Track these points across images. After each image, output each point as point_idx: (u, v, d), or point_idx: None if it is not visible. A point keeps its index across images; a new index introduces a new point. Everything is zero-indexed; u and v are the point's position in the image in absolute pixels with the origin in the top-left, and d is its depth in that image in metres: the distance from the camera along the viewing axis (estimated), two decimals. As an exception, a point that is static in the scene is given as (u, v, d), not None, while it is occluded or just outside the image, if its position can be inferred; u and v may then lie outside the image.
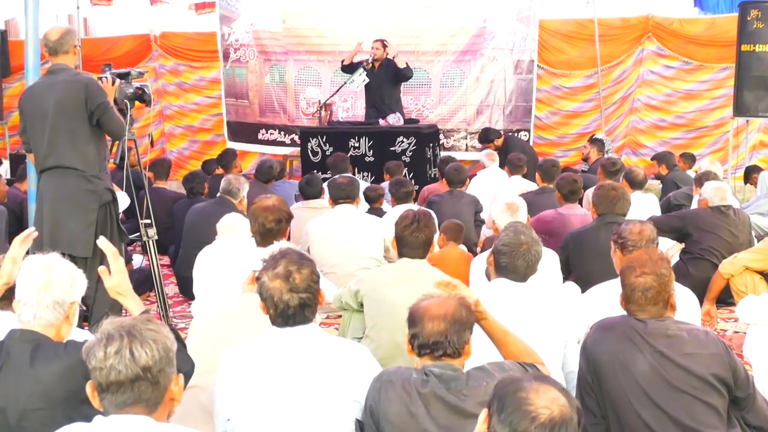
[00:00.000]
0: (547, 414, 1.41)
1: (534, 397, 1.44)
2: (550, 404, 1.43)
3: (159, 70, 8.86)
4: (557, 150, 8.37)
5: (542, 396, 1.44)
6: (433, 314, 1.99)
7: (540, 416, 1.41)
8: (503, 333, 2.27)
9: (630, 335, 2.27)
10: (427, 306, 2.02)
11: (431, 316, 1.99)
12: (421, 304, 2.04)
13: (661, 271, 2.30)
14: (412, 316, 2.04)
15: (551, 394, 1.45)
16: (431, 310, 2.00)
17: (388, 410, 1.96)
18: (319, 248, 4.35)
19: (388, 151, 6.78)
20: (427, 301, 2.05)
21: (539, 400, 1.43)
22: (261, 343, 2.15)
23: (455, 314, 1.99)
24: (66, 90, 3.60)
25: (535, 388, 1.46)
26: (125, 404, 1.62)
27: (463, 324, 2.00)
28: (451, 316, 1.99)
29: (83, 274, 2.17)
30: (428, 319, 1.99)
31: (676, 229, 4.59)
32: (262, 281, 2.13)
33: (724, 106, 7.84)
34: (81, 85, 3.62)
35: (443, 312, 1.99)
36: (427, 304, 2.03)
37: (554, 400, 1.44)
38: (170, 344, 1.69)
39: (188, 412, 2.37)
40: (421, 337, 1.99)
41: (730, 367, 2.25)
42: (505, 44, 8.18)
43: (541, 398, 1.44)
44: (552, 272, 3.60)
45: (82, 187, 3.66)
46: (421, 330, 1.99)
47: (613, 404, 2.26)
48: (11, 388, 1.95)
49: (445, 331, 1.97)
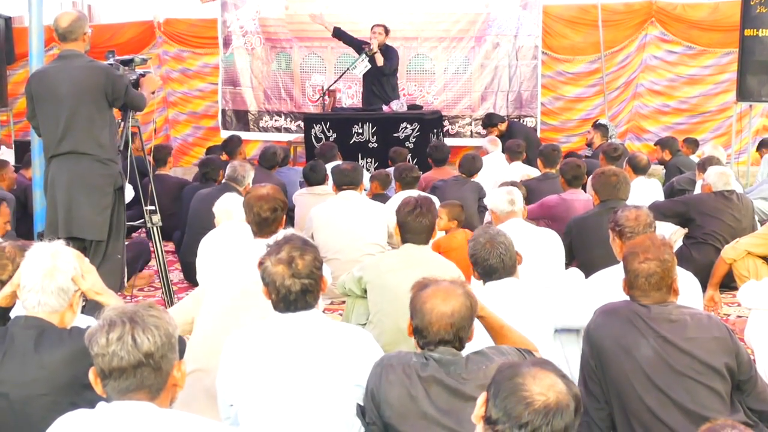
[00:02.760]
0: (542, 400, 1.40)
1: (530, 382, 1.42)
2: (546, 390, 1.41)
3: (163, 56, 8.81)
4: (561, 135, 8.34)
5: (539, 382, 1.42)
6: (440, 314, 1.96)
7: (534, 402, 1.39)
8: (500, 326, 2.28)
9: (633, 320, 2.27)
10: (433, 305, 1.97)
11: (438, 316, 1.96)
12: (426, 299, 1.99)
13: (664, 256, 2.29)
14: (417, 311, 2.00)
15: (548, 380, 1.43)
16: (438, 308, 1.96)
17: (389, 394, 1.96)
18: (323, 234, 4.34)
19: (392, 137, 6.76)
20: (431, 293, 1.99)
21: (535, 386, 1.41)
22: (263, 328, 2.15)
23: (461, 310, 1.97)
24: (86, 75, 3.61)
25: (533, 374, 1.44)
26: (128, 390, 1.62)
27: (470, 318, 1.99)
28: (458, 313, 1.96)
29: (88, 262, 2.17)
30: (436, 319, 1.96)
31: (679, 214, 4.58)
32: (264, 266, 2.13)
33: (728, 91, 7.79)
34: (101, 71, 3.65)
35: (450, 310, 1.96)
36: (433, 301, 1.97)
37: (551, 387, 1.42)
38: (172, 330, 1.68)
39: (193, 396, 2.37)
40: (428, 336, 1.98)
41: (733, 351, 2.25)
42: (509, 30, 8.13)
43: (538, 384, 1.42)
44: (555, 255, 3.59)
45: (98, 171, 3.67)
46: (428, 331, 1.97)
47: (617, 389, 2.26)
48: (15, 374, 1.95)
49: (453, 331, 1.96)
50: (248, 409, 2.10)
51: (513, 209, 3.65)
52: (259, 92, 8.70)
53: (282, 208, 2.98)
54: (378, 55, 6.97)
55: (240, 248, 3.03)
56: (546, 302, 2.68)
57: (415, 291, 2.04)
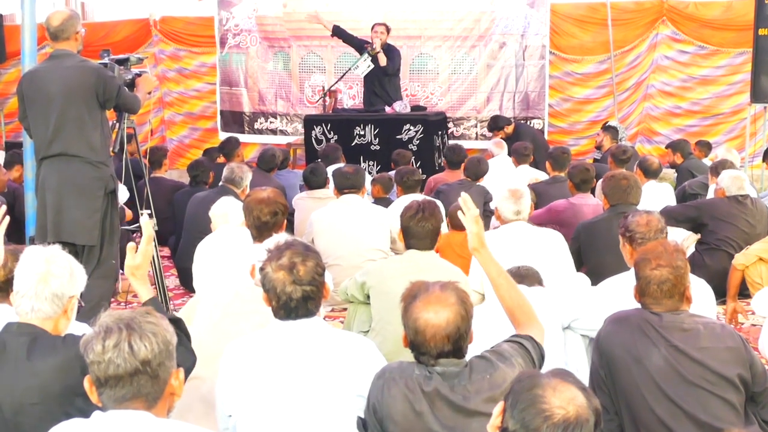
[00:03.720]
0: (561, 414, 1.37)
1: (550, 395, 1.39)
2: (566, 404, 1.38)
3: (159, 55, 8.73)
4: (569, 138, 8.25)
5: (559, 395, 1.39)
6: (434, 327, 1.87)
7: (554, 416, 1.36)
8: (497, 273, 2.19)
9: (644, 329, 2.23)
10: (426, 320, 1.88)
11: (433, 331, 1.87)
12: (417, 313, 1.90)
13: (676, 263, 2.26)
14: (410, 327, 1.91)
15: (569, 393, 1.40)
16: (431, 322, 1.88)
17: (392, 409, 1.91)
18: (324, 239, 4.28)
19: (395, 139, 6.67)
20: (422, 305, 1.90)
21: (555, 399, 1.39)
22: (263, 337, 2.11)
23: (456, 319, 1.88)
24: (76, 76, 3.56)
25: (553, 386, 1.41)
26: (124, 399, 1.59)
27: (467, 324, 1.91)
28: (453, 323, 1.88)
29: (83, 269, 2.13)
30: (431, 335, 1.88)
31: (691, 219, 4.53)
32: (265, 272, 2.09)
33: (741, 92, 7.69)
34: (92, 71, 3.59)
35: (444, 321, 1.88)
36: (425, 315, 1.89)
37: (571, 400, 1.39)
38: (170, 337, 1.66)
39: (189, 404, 2.34)
40: (427, 351, 1.90)
41: (747, 361, 2.21)
42: (516, 29, 8.05)
43: (557, 397, 1.39)
44: (561, 256, 3.53)
45: (88, 174, 3.63)
46: (426, 347, 1.90)
47: (627, 400, 2.23)
48: (7, 382, 1.93)
49: (451, 342, 1.89)
50: (247, 420, 2.06)
51: (518, 218, 3.61)
52: (254, 93, 8.59)
53: (282, 211, 2.94)
54: (381, 55, 6.89)
55: (238, 253, 2.99)
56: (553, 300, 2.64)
57: (405, 303, 1.95)
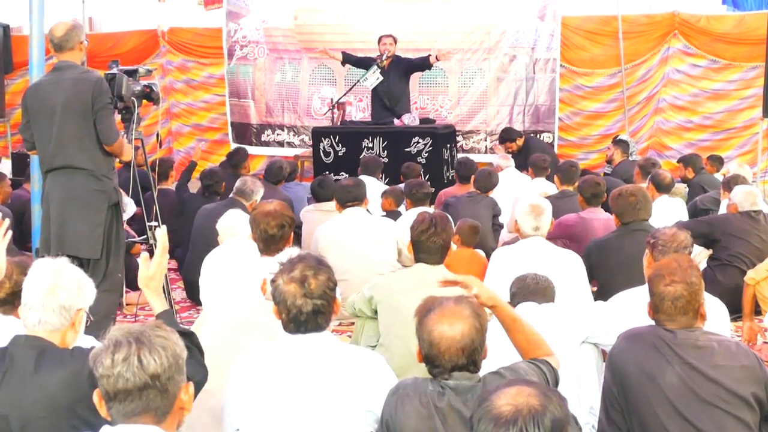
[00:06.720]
0: (508, 409, 1.36)
1: (496, 399, 1.39)
2: (511, 399, 1.38)
3: (166, 66, 8.76)
4: (579, 152, 8.22)
5: (503, 396, 1.40)
6: (449, 340, 1.87)
7: (502, 414, 1.36)
8: (512, 319, 2.20)
9: (658, 346, 2.21)
10: (441, 332, 1.88)
11: (448, 343, 1.87)
12: (432, 326, 1.90)
13: (691, 279, 2.24)
14: (424, 340, 1.91)
15: (513, 391, 1.40)
16: (446, 335, 1.88)
17: (405, 425, 1.89)
18: (331, 254, 4.17)
19: (403, 152, 6.63)
20: (436, 318, 1.90)
21: (499, 401, 1.39)
22: (271, 350, 2.10)
23: (471, 332, 1.88)
24: (74, 88, 3.56)
25: (500, 392, 1.41)
26: (133, 413, 1.58)
27: (481, 337, 1.91)
28: (468, 336, 1.88)
29: (91, 281, 2.12)
30: (445, 348, 1.87)
31: (703, 234, 4.47)
32: (276, 284, 2.08)
33: (754, 107, 7.63)
34: (89, 83, 3.58)
35: (459, 334, 1.88)
36: (440, 327, 1.89)
37: (515, 395, 1.39)
38: (180, 351, 1.64)
39: (197, 417, 2.31)
40: (441, 365, 1.90)
41: (762, 380, 2.18)
42: (526, 42, 8.05)
43: (502, 398, 1.39)
44: (580, 284, 3.50)
45: (91, 187, 3.62)
46: (440, 360, 1.89)
47: (640, 418, 2.20)
48: (15, 395, 1.91)
49: (465, 355, 1.88)
50: (255, 435, 2.03)
51: (536, 234, 3.60)
52: (261, 105, 8.59)
53: (290, 224, 2.92)
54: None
55: (245, 267, 2.97)
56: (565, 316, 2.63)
57: (420, 317, 1.96)
